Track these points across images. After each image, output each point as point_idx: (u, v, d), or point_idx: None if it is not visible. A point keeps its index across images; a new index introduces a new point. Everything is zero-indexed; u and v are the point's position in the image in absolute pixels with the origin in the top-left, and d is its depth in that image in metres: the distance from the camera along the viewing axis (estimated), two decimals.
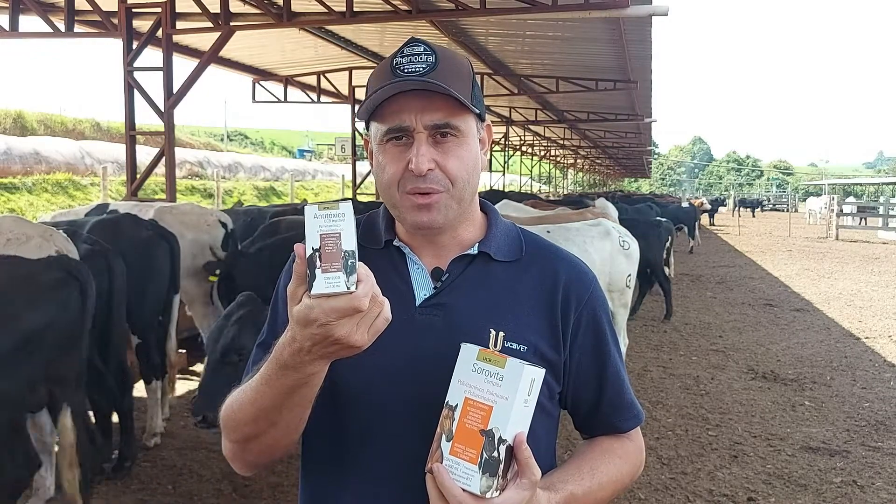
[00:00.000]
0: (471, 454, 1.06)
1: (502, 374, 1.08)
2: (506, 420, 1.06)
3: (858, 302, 11.38)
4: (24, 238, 3.76)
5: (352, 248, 0.98)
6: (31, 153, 18.06)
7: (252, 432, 1.17)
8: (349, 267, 0.97)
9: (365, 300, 0.98)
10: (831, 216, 26.53)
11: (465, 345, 1.13)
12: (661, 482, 4.38)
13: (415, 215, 1.21)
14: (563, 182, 52.45)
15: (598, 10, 8.25)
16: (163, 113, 8.19)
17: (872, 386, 6.52)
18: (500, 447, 1.06)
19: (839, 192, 51.89)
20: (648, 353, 7.65)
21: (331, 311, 0.97)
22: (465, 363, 1.11)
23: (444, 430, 1.09)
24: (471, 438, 1.07)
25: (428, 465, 1.10)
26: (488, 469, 1.05)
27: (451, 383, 1.11)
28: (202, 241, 5.60)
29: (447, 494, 1.05)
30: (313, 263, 0.98)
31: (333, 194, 23.48)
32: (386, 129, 1.20)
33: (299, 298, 1.00)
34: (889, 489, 4.35)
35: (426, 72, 1.16)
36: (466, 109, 1.20)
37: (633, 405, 1.34)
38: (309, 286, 0.98)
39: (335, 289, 0.96)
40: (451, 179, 1.20)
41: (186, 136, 36.14)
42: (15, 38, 8.99)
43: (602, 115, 22.36)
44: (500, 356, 1.10)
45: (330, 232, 0.99)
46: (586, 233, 5.73)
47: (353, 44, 12.63)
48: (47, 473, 3.81)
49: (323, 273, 0.97)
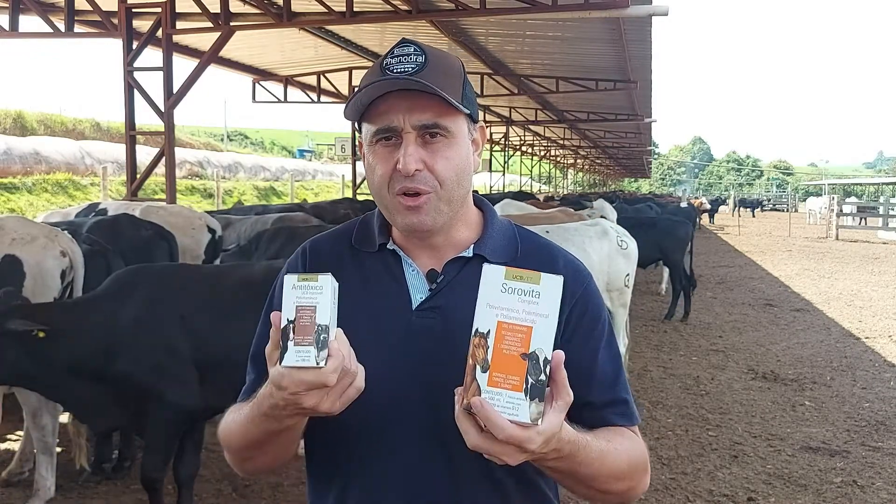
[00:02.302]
0: (514, 381, 0.98)
1: (538, 290, 1.01)
2: (549, 340, 1.00)
3: (858, 302, 11.38)
4: (29, 238, 3.79)
5: (325, 323, 1.00)
6: (31, 153, 18.07)
7: (246, 455, 1.26)
8: (321, 342, 1.00)
9: (333, 376, 1.01)
10: (831, 216, 26.52)
11: (487, 265, 1.05)
12: (661, 482, 4.38)
13: (404, 217, 1.21)
14: (563, 182, 52.46)
15: (598, 10, 8.26)
16: (163, 113, 8.20)
17: (872, 386, 6.52)
18: (545, 369, 0.99)
19: (839, 192, 51.87)
20: (648, 353, 7.64)
21: (300, 383, 1.01)
22: (492, 285, 1.02)
23: (476, 360, 1.00)
24: (511, 364, 0.99)
25: (463, 401, 1.01)
26: (536, 394, 0.98)
27: (478, 308, 1.02)
28: (183, 245, 5.49)
29: (494, 429, 0.98)
30: (286, 335, 1.01)
31: (333, 194, 23.46)
32: (375, 129, 1.20)
33: (274, 361, 1.03)
34: (889, 489, 4.34)
35: (415, 72, 1.16)
36: (456, 110, 1.20)
37: (627, 403, 1.31)
38: (281, 356, 1.01)
39: (305, 363, 1.00)
40: (439, 180, 1.19)
41: (186, 136, 36.15)
42: (15, 38, 9.00)
43: (602, 115, 22.38)
44: (533, 272, 1.02)
45: (306, 304, 1.01)
46: (584, 233, 5.73)
47: (353, 44, 12.65)
48: (48, 474, 3.79)
49: (295, 346, 1.00)
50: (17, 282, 3.72)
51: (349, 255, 1.32)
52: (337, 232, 1.39)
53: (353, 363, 1.05)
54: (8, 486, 4.08)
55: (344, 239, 1.35)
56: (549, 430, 1.00)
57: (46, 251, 3.84)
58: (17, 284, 3.72)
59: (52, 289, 3.85)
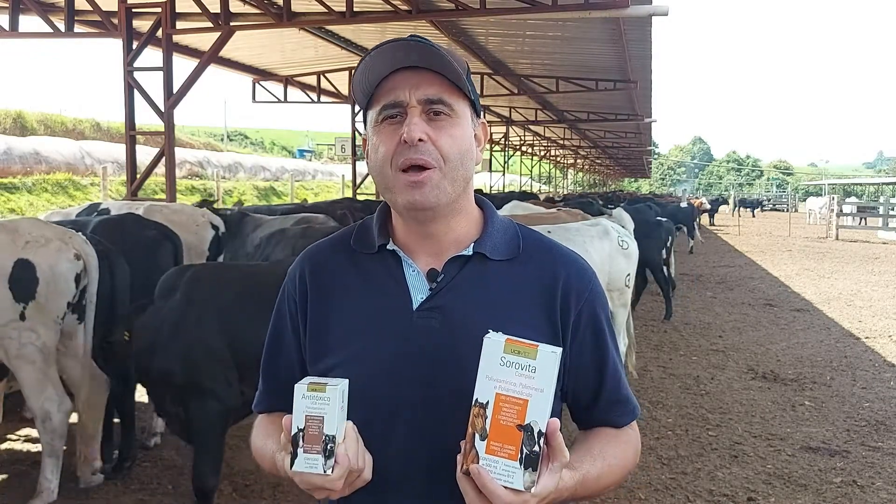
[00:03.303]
0: (509, 451, 1.03)
1: (534, 365, 1.05)
2: (544, 412, 1.04)
3: (858, 302, 11.38)
4: (43, 241, 3.74)
5: (333, 433, 1.08)
6: (31, 153, 18.04)
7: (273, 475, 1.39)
8: (328, 451, 1.08)
9: (339, 483, 1.09)
10: (831, 216, 26.52)
11: (488, 337, 1.08)
12: (661, 482, 4.38)
13: (407, 194, 1.20)
14: (563, 182, 52.44)
15: (598, 10, 8.26)
16: (163, 113, 8.20)
17: (872, 386, 6.52)
18: (539, 440, 1.04)
19: (839, 192, 51.86)
20: (648, 353, 7.64)
21: (308, 485, 1.10)
22: (492, 357, 1.07)
23: (475, 428, 1.05)
24: (507, 435, 1.04)
25: (463, 465, 1.06)
26: (530, 464, 1.03)
27: (478, 379, 1.07)
28: (187, 242, 5.51)
29: (489, 494, 1.03)
30: (296, 442, 1.09)
31: (333, 194, 23.45)
32: (381, 106, 1.22)
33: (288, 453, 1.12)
34: (889, 489, 4.34)
35: (421, 50, 1.19)
36: (460, 92, 1.22)
37: (630, 400, 1.34)
38: (291, 461, 1.09)
39: (313, 470, 1.08)
40: (443, 156, 1.20)
41: (186, 136, 36.13)
42: (15, 38, 9.00)
43: (602, 115, 22.38)
44: (530, 345, 1.06)
45: (314, 415, 1.09)
46: (586, 232, 5.74)
47: (353, 44, 12.64)
48: (53, 477, 3.78)
49: (304, 453, 1.08)
50: (30, 286, 3.67)
51: (349, 259, 1.32)
52: (336, 237, 1.39)
53: (359, 460, 1.12)
54: (9, 484, 4.08)
55: (343, 243, 1.35)
56: (544, 492, 1.06)
57: (60, 254, 3.76)
58: (31, 289, 3.67)
59: (65, 293, 3.78)
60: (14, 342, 3.65)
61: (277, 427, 1.19)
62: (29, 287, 3.67)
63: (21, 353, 3.68)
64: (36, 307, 3.69)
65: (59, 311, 3.78)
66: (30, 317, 3.67)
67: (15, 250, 3.69)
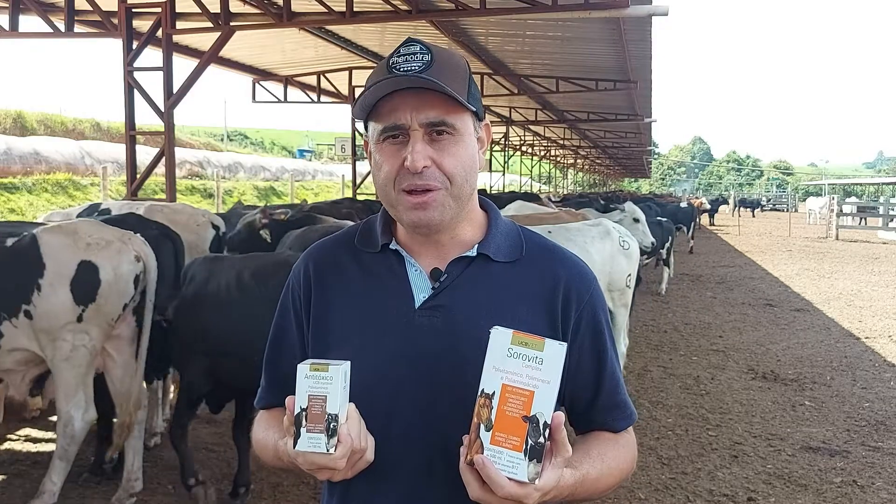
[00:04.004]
0: (514, 442, 1.04)
1: (541, 357, 1.06)
2: (549, 404, 1.04)
3: (858, 302, 11.38)
4: (104, 243, 3.68)
5: (335, 412, 1.08)
6: (31, 153, 18.03)
7: (279, 468, 1.37)
8: (331, 430, 1.08)
9: (342, 461, 1.10)
10: (831, 216, 26.52)
11: (496, 329, 1.09)
12: (661, 482, 4.38)
13: (412, 214, 1.21)
14: (563, 182, 52.43)
15: (598, 10, 8.25)
16: (163, 113, 8.19)
17: (872, 386, 6.52)
18: (544, 432, 1.04)
19: (839, 192, 51.89)
20: (648, 353, 7.65)
21: (311, 465, 1.11)
22: (499, 348, 1.07)
23: (481, 419, 1.06)
24: (513, 426, 1.04)
25: (467, 455, 1.06)
26: (534, 455, 1.04)
27: (485, 370, 1.07)
28: (188, 242, 5.52)
29: (493, 485, 1.03)
30: (299, 421, 1.10)
31: (333, 194, 23.45)
32: (382, 127, 1.21)
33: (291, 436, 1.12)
34: (889, 489, 4.35)
35: (421, 70, 1.17)
36: (462, 107, 1.21)
37: (627, 405, 1.34)
38: (294, 440, 1.10)
39: (316, 449, 1.09)
40: (448, 177, 1.20)
41: (186, 136, 36.12)
42: (15, 38, 8.99)
43: (602, 115, 22.36)
44: (537, 338, 1.07)
45: (317, 394, 1.09)
46: (587, 233, 5.73)
47: (353, 44, 12.63)
48: (58, 480, 3.73)
49: (307, 432, 1.09)
50: (92, 288, 3.58)
51: (352, 257, 1.33)
52: (340, 235, 1.40)
53: (361, 441, 1.12)
54: (9, 484, 4.08)
55: (347, 242, 1.36)
56: (547, 486, 1.05)
57: (122, 256, 3.69)
58: (93, 291, 3.58)
59: (124, 295, 3.71)
60: (67, 344, 3.55)
61: (279, 421, 1.19)
62: (91, 289, 3.58)
63: (71, 355, 3.58)
64: (95, 309, 3.60)
65: (115, 313, 3.69)
66: (87, 319, 3.58)
67: (77, 252, 3.59)
